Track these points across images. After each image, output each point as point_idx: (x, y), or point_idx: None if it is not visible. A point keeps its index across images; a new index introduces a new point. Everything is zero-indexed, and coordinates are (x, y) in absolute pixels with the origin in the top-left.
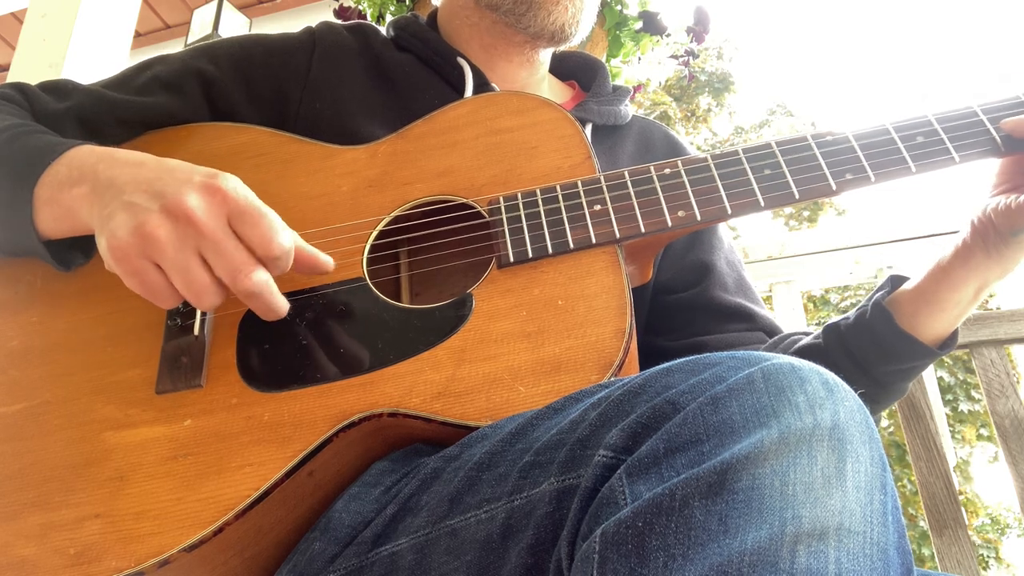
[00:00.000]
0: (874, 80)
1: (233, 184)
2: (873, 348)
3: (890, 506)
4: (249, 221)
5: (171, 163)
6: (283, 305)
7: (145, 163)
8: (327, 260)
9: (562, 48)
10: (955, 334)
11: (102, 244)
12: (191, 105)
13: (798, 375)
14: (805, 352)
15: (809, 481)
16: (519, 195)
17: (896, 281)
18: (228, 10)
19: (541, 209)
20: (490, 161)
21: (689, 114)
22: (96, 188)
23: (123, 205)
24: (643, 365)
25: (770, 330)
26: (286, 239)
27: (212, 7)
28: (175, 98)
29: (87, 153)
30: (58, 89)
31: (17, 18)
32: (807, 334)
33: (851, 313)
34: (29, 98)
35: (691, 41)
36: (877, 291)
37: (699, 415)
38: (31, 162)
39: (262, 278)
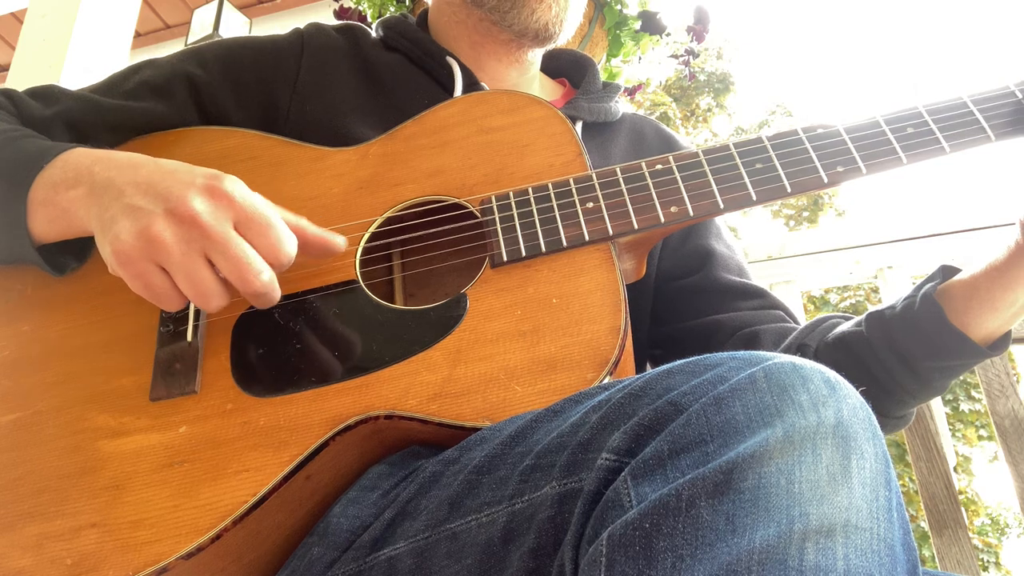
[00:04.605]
0: (868, 73)
1: (238, 188)
2: (919, 342)
3: (895, 502)
4: (256, 229)
5: (169, 164)
6: (279, 296)
7: (143, 164)
8: (338, 241)
9: (548, 48)
10: (1007, 336)
11: (105, 248)
12: (180, 109)
13: (800, 374)
14: (847, 338)
15: (815, 479)
16: (511, 194)
17: (948, 272)
18: (228, 10)
19: (533, 208)
20: (481, 160)
21: (689, 114)
22: (94, 189)
23: (125, 208)
24: (657, 356)
25: (783, 308)
26: (291, 247)
27: (212, 7)
28: (164, 103)
29: (82, 155)
30: (46, 95)
31: (17, 18)
32: (845, 318)
33: (897, 302)
34: (16, 104)
35: (691, 40)
36: (927, 281)
37: (702, 416)
38: (25, 165)
39: (269, 279)
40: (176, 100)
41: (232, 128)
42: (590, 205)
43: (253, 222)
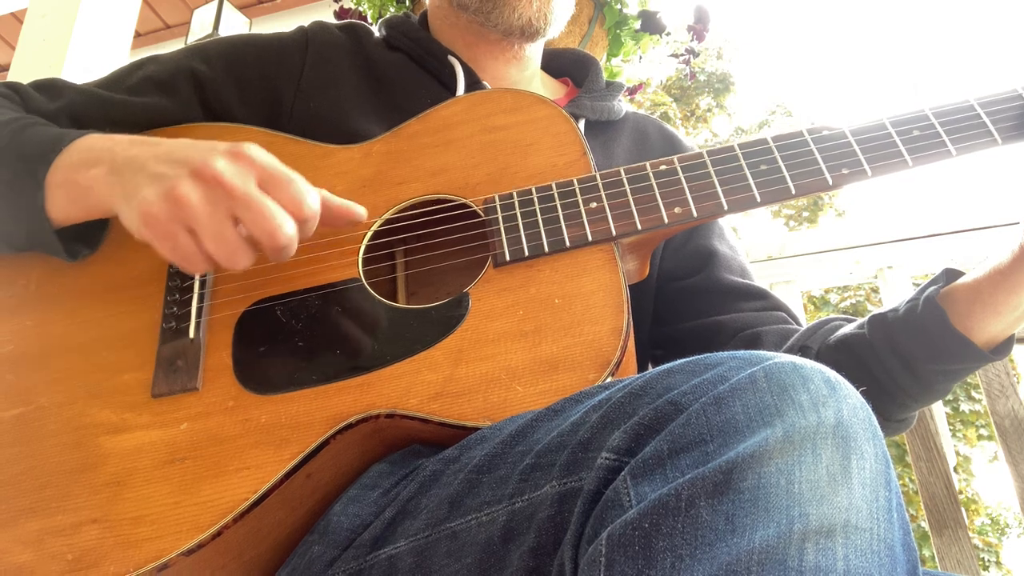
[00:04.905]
0: (868, 73)
1: (258, 151)
2: (922, 346)
3: (895, 503)
4: (277, 184)
5: (187, 140)
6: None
7: (160, 142)
8: (360, 210)
9: (538, 41)
10: (1010, 340)
11: (132, 214)
12: (184, 105)
13: (800, 374)
14: (848, 340)
15: (815, 479)
16: (515, 194)
17: (951, 275)
18: (228, 10)
19: (537, 207)
20: (485, 159)
21: (689, 114)
22: (115, 167)
23: (150, 176)
24: (659, 356)
25: (786, 309)
26: (314, 201)
27: (212, 7)
28: (168, 98)
29: (99, 138)
30: (51, 88)
31: (17, 18)
32: (847, 320)
33: (900, 305)
34: (23, 96)
35: (692, 40)
36: (930, 284)
37: (702, 415)
38: (42, 150)
39: (293, 232)
40: (180, 96)
41: (238, 125)
42: (594, 205)
43: (274, 177)
